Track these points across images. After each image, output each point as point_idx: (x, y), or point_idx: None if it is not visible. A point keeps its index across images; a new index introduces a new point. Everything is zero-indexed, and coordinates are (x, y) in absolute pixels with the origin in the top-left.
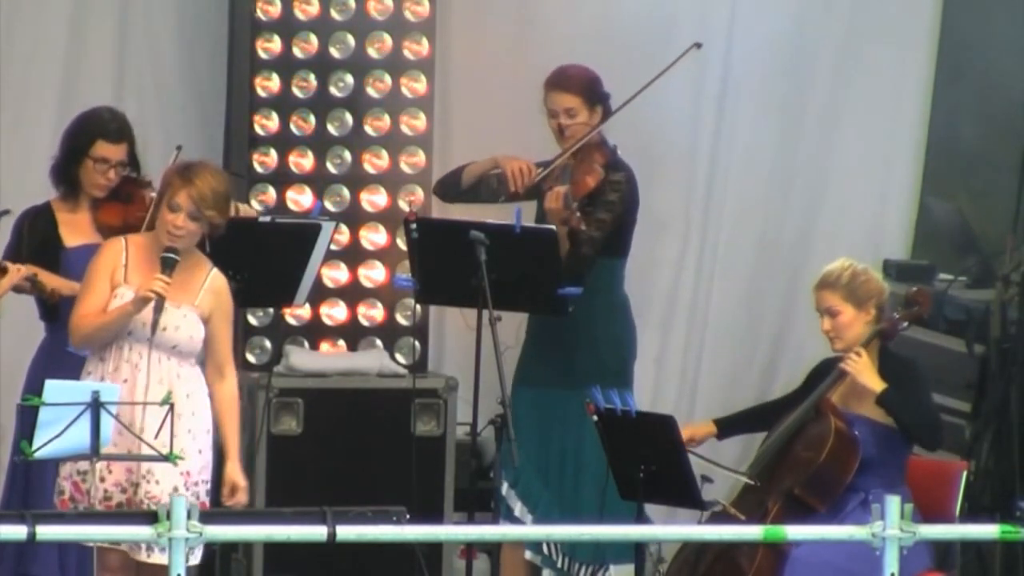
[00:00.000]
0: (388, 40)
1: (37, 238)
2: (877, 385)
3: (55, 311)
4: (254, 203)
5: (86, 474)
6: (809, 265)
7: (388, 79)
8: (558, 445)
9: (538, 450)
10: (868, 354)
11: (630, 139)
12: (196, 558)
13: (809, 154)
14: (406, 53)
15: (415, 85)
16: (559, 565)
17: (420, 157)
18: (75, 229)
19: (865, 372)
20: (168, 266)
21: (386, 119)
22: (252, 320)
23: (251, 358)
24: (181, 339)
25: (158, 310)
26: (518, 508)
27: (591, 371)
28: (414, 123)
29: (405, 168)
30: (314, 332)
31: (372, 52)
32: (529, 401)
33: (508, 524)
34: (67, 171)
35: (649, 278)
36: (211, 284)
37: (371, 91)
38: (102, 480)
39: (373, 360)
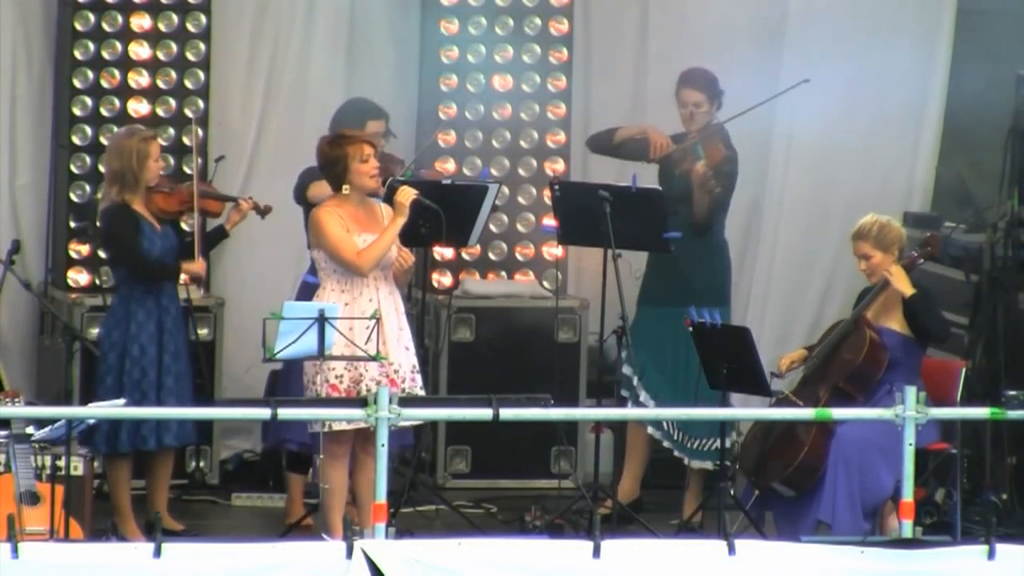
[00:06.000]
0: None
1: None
2: (908, 289)
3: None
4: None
5: (341, 377)
6: (852, 218)
7: (537, 78)
8: (672, 349)
9: (658, 353)
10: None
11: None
12: (410, 422)
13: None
14: (551, 58)
15: (557, 82)
16: (675, 438)
17: (561, 136)
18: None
19: (901, 280)
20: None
21: (536, 108)
22: (437, 256)
23: (436, 284)
24: (391, 256)
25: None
26: (643, 396)
27: (701, 292)
28: (556, 111)
29: (550, 144)
30: (483, 265)
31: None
32: (653, 316)
33: (634, 408)
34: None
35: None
36: (385, 209)
37: (525, 87)
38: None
39: (526, 286)
